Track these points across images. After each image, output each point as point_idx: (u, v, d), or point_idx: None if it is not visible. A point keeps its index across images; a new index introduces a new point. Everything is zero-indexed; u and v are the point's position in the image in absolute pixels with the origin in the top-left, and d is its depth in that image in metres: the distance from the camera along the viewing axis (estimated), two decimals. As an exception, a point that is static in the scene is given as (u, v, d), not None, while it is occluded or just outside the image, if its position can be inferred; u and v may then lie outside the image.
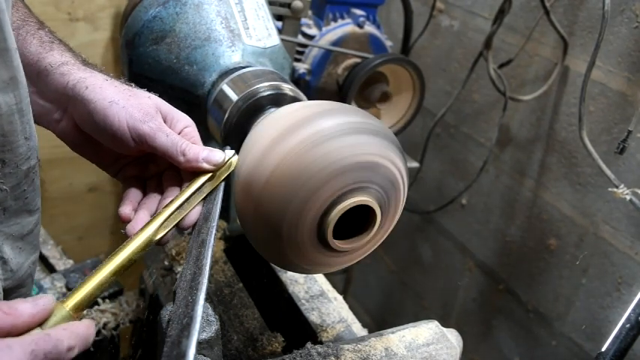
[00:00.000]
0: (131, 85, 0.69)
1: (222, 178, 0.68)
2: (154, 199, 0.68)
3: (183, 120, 0.69)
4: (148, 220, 0.64)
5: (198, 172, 0.67)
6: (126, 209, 0.66)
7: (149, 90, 0.72)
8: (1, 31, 0.51)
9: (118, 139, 0.65)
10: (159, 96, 0.70)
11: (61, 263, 1.22)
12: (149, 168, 0.72)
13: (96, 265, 1.22)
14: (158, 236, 0.62)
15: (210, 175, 0.67)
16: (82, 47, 1.45)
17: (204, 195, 0.66)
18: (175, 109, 0.69)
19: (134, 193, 0.69)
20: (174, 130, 0.67)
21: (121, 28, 0.99)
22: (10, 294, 0.63)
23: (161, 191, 0.69)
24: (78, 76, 0.66)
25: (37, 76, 0.66)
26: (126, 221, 0.65)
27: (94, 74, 0.67)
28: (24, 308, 0.48)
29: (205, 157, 0.66)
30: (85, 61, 0.70)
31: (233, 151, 0.69)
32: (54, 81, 0.66)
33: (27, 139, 0.58)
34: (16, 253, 0.62)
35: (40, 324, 0.49)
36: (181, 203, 0.64)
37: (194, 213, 0.65)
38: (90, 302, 0.55)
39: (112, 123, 0.64)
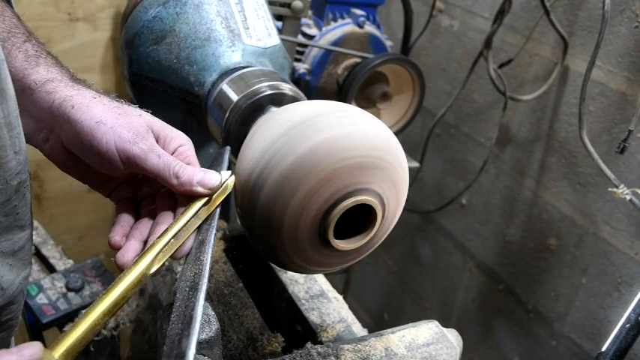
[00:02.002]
0: (121, 102, 0.65)
1: (219, 202, 0.64)
2: (146, 224, 0.64)
3: (178, 138, 0.65)
4: (138, 248, 0.61)
5: (193, 196, 0.63)
6: (116, 236, 0.62)
7: (149, 90, 0.71)
8: None
9: (106, 162, 0.61)
10: (152, 113, 0.66)
11: (61, 263, 1.22)
12: (143, 189, 0.68)
13: (96, 265, 1.22)
14: (152, 269, 0.58)
15: (206, 199, 0.63)
16: (82, 47, 1.46)
17: (200, 222, 0.62)
18: (169, 126, 0.66)
19: (126, 219, 0.65)
20: (167, 150, 0.63)
21: (121, 28, 0.99)
22: (0, 312, 0.61)
23: (154, 214, 0.65)
24: (64, 94, 0.62)
25: (22, 93, 0.61)
26: (116, 248, 0.61)
27: (82, 91, 0.63)
28: None
29: (200, 181, 0.62)
30: (73, 76, 0.66)
31: (229, 172, 0.66)
32: (39, 99, 0.62)
33: (16, 154, 0.55)
34: (7, 270, 0.59)
35: None
36: (176, 232, 0.60)
37: (188, 242, 0.61)
38: (82, 348, 0.50)
39: (100, 145, 0.60)
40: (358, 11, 1.34)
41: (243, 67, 0.85)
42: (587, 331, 1.32)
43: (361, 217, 0.65)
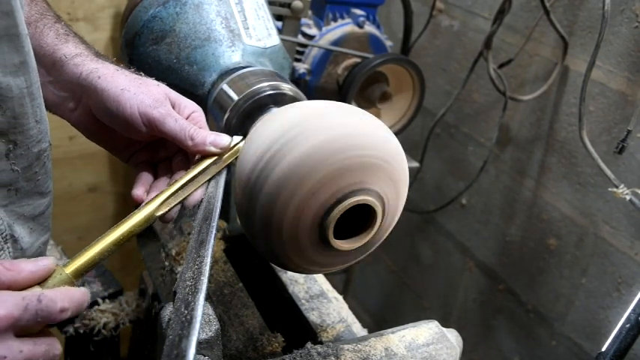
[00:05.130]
0: (140, 74, 0.72)
1: (228, 161, 0.70)
2: (164, 181, 0.71)
3: (190, 106, 0.72)
4: None
5: (205, 156, 0.69)
6: (138, 191, 0.69)
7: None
8: (12, 17, 0.54)
9: (130, 125, 0.68)
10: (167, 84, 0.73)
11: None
12: (159, 153, 0.75)
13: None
14: (160, 212, 0.64)
15: (215, 158, 0.69)
16: (82, 47, 1.46)
17: (209, 177, 0.69)
18: (182, 96, 0.72)
19: (146, 177, 0.72)
20: (182, 116, 0.70)
21: (121, 28, 0.99)
22: None
23: (171, 175, 0.72)
24: (91, 66, 0.69)
25: (53, 66, 0.69)
26: (139, 202, 0.68)
27: (106, 65, 0.70)
28: (25, 266, 0.52)
29: (212, 141, 0.68)
30: (97, 52, 0.73)
31: (240, 137, 0.71)
32: (68, 71, 0.69)
33: (37, 122, 0.61)
34: (27, 232, 0.65)
35: (40, 283, 0.53)
36: (185, 183, 0.67)
37: (198, 193, 0.68)
38: (89, 269, 0.58)
39: (124, 109, 0.67)
40: (358, 11, 1.34)
41: (243, 67, 0.85)
42: (587, 331, 1.32)
43: (361, 217, 0.65)
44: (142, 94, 0.68)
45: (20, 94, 0.57)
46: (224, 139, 0.69)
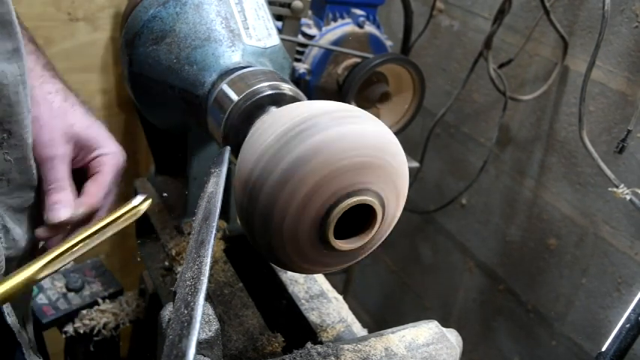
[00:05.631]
0: (84, 106, 0.71)
1: (127, 223, 0.63)
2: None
3: (100, 149, 0.70)
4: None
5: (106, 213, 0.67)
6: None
7: (149, 90, 0.71)
8: (5, 3, 0.55)
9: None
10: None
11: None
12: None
13: (96, 265, 1.22)
14: (41, 275, 0.57)
15: (115, 217, 0.62)
16: (82, 47, 1.46)
17: (106, 236, 0.62)
18: (103, 135, 0.71)
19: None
20: (84, 160, 0.69)
21: (121, 28, 0.99)
22: (12, 261, 0.66)
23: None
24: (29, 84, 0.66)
25: None
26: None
27: (44, 85, 0.68)
28: None
29: (48, 217, 0.65)
30: (45, 65, 0.70)
31: (144, 196, 0.66)
32: None
33: (30, 112, 0.61)
34: (16, 224, 0.65)
35: None
36: (74, 244, 0.59)
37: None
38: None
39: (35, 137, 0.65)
40: (358, 11, 1.34)
41: (243, 67, 0.85)
42: (587, 331, 1.32)
43: (361, 217, 0.65)
44: (42, 129, 0.65)
45: (15, 81, 0.57)
46: (60, 214, 0.64)
